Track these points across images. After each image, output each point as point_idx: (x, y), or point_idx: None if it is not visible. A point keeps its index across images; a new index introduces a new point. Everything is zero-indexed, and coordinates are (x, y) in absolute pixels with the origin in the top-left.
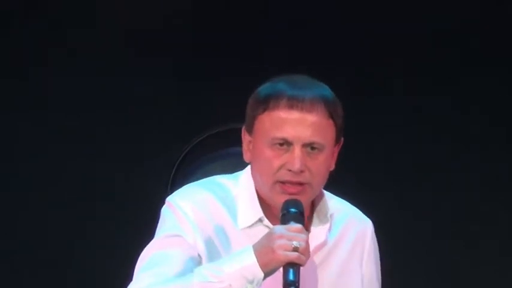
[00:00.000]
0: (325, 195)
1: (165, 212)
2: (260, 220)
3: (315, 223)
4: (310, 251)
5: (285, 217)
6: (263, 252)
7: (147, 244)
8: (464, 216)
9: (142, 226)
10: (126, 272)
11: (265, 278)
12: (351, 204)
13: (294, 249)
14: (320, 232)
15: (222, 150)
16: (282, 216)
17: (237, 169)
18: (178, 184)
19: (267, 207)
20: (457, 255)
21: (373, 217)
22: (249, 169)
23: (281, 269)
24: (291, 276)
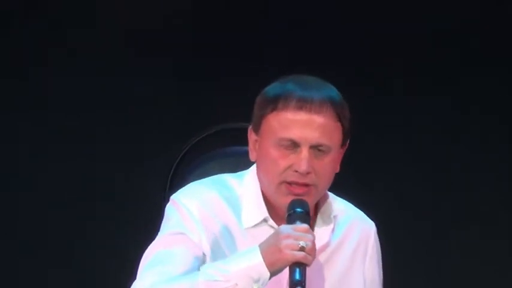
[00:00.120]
0: (330, 197)
1: (169, 210)
2: (265, 220)
3: (319, 224)
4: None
5: (291, 217)
6: (270, 252)
7: (147, 244)
8: (464, 216)
9: (142, 226)
10: (126, 272)
11: (271, 277)
12: (354, 206)
13: (300, 249)
14: (323, 233)
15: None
16: (288, 216)
17: (235, 168)
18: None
19: (271, 208)
20: (457, 255)
21: (373, 217)
22: (254, 169)
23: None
24: (298, 276)
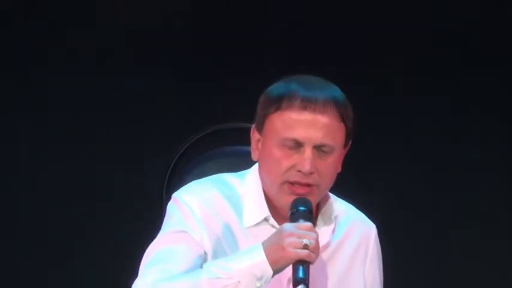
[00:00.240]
0: (331, 198)
1: (171, 208)
2: (266, 219)
3: (320, 224)
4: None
5: (294, 215)
6: (273, 250)
7: (147, 244)
8: (464, 216)
9: (142, 226)
10: (126, 271)
11: (274, 275)
12: (355, 208)
13: (304, 247)
14: (324, 233)
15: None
16: (291, 215)
17: (233, 168)
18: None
19: (272, 207)
20: (457, 255)
21: (373, 217)
22: (255, 168)
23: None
24: (301, 274)
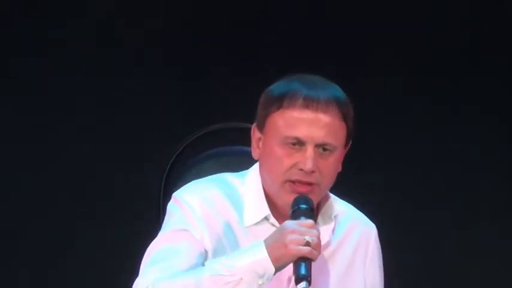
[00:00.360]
0: (331, 197)
1: (171, 207)
2: (266, 218)
3: (320, 223)
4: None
5: (296, 213)
6: (275, 247)
7: (147, 243)
8: (464, 216)
9: (142, 226)
10: (126, 271)
11: (276, 273)
12: (355, 208)
13: (306, 244)
14: (324, 233)
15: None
16: (292, 213)
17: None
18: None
19: (273, 206)
20: (457, 255)
21: (373, 217)
22: (256, 167)
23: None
24: (303, 271)
